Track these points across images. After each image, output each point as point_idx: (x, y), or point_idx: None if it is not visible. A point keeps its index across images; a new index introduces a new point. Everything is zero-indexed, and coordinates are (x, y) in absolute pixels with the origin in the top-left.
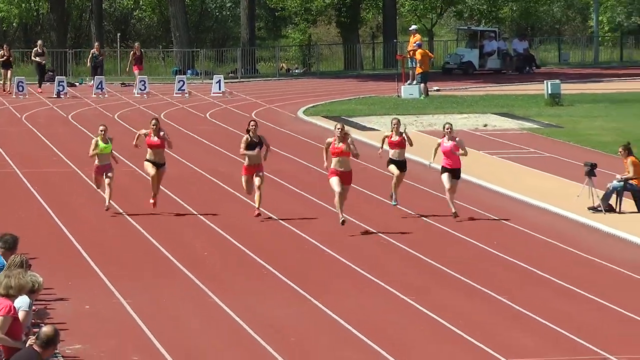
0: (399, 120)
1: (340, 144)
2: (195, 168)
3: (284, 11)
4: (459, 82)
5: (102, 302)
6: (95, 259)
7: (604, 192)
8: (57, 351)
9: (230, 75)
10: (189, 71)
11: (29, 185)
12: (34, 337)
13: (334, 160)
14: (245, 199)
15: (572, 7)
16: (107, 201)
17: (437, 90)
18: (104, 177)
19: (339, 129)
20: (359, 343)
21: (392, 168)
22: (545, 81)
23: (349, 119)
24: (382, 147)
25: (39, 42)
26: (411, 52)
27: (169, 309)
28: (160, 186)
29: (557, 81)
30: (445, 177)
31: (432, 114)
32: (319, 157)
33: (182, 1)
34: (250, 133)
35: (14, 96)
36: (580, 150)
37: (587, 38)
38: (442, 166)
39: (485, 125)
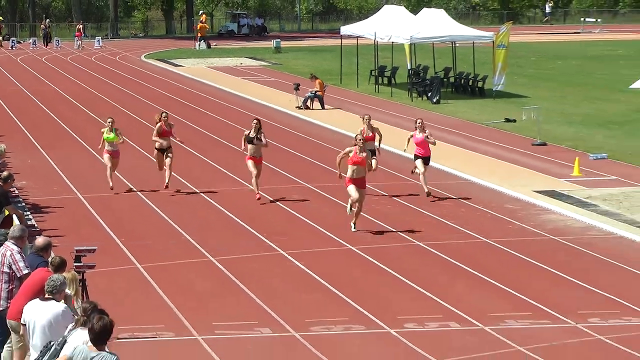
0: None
1: (363, 154)
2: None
3: (133, 2)
4: (226, 41)
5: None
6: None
7: (303, 98)
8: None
9: (104, 37)
10: (83, 35)
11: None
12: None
13: (351, 168)
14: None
15: None
16: (111, 178)
17: (215, 45)
18: (111, 161)
19: (360, 139)
20: (318, 285)
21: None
22: (272, 40)
23: (170, 60)
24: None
25: (0, 17)
26: (199, 25)
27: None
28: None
29: (279, 40)
30: (419, 162)
31: (213, 57)
32: (154, 81)
33: None
34: (253, 130)
35: None
36: (291, 77)
37: (294, 16)
38: (416, 154)
39: (241, 64)
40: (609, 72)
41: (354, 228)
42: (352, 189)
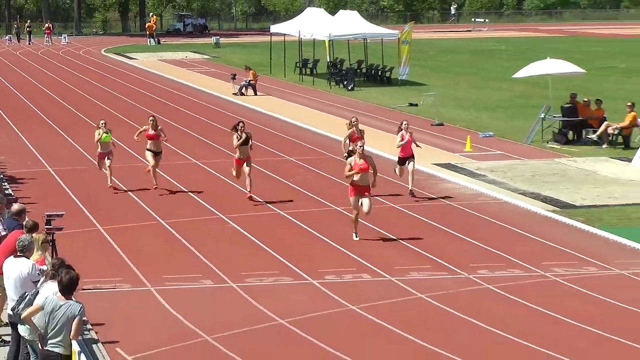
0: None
1: (362, 160)
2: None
3: (94, 4)
4: (174, 38)
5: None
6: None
7: (239, 86)
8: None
9: (69, 34)
10: (52, 33)
11: None
12: None
13: (355, 176)
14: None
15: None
16: (109, 180)
17: (164, 41)
18: (105, 159)
19: (360, 146)
20: (251, 244)
21: (408, 165)
22: (213, 37)
23: (126, 54)
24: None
25: None
26: (148, 24)
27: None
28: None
29: (218, 37)
30: (407, 164)
31: (162, 52)
32: (112, 71)
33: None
34: (239, 132)
35: None
36: (228, 68)
37: (231, 17)
38: (400, 157)
39: (186, 57)
40: (494, 64)
41: (356, 238)
42: (353, 201)
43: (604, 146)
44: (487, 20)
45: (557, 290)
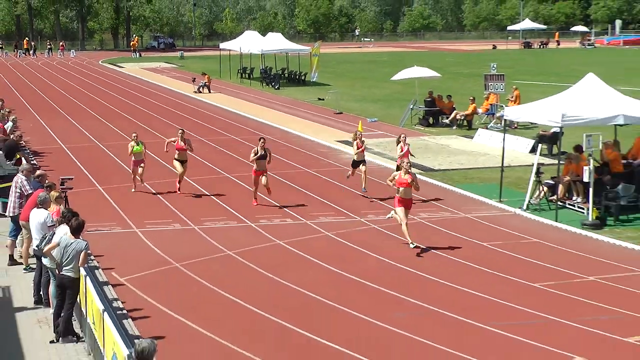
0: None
1: (407, 176)
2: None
3: (93, 28)
4: (151, 52)
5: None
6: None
7: (198, 86)
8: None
9: (76, 50)
10: (64, 50)
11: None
12: None
13: (399, 189)
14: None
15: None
16: (142, 182)
17: (144, 55)
18: (138, 167)
19: (407, 163)
20: (207, 197)
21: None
22: (179, 51)
23: (117, 64)
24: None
25: None
26: (132, 43)
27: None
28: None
29: (182, 51)
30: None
31: (143, 62)
32: (107, 76)
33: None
34: (259, 147)
35: None
36: (190, 73)
37: (192, 37)
38: (398, 166)
39: (160, 66)
40: (378, 71)
41: (412, 245)
42: (399, 212)
43: (454, 128)
44: (372, 39)
45: (423, 227)
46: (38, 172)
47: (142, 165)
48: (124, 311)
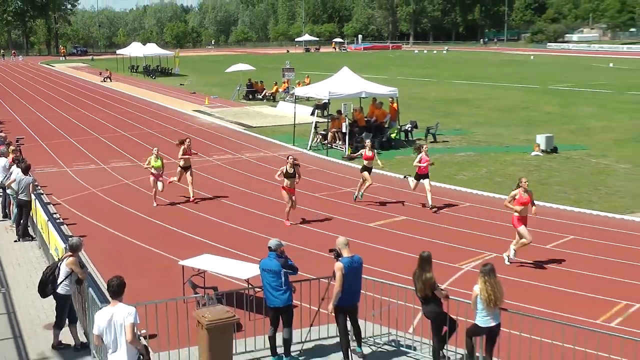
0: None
1: (526, 195)
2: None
3: (34, 41)
4: (72, 57)
5: None
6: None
7: (103, 77)
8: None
9: (22, 55)
10: (16, 55)
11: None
12: None
13: (519, 208)
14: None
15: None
16: (161, 188)
17: (68, 58)
18: (157, 182)
19: (525, 182)
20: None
21: (425, 182)
22: (90, 55)
23: (50, 64)
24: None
25: None
26: (62, 50)
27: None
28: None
29: (92, 56)
30: (425, 181)
31: (67, 63)
32: (44, 74)
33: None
34: (288, 166)
35: None
36: (99, 70)
37: (99, 46)
38: (417, 173)
39: (78, 65)
40: (217, 66)
41: (514, 256)
42: (524, 231)
43: (264, 101)
44: (213, 46)
45: (240, 162)
46: (1, 134)
47: (160, 179)
48: (61, 220)
